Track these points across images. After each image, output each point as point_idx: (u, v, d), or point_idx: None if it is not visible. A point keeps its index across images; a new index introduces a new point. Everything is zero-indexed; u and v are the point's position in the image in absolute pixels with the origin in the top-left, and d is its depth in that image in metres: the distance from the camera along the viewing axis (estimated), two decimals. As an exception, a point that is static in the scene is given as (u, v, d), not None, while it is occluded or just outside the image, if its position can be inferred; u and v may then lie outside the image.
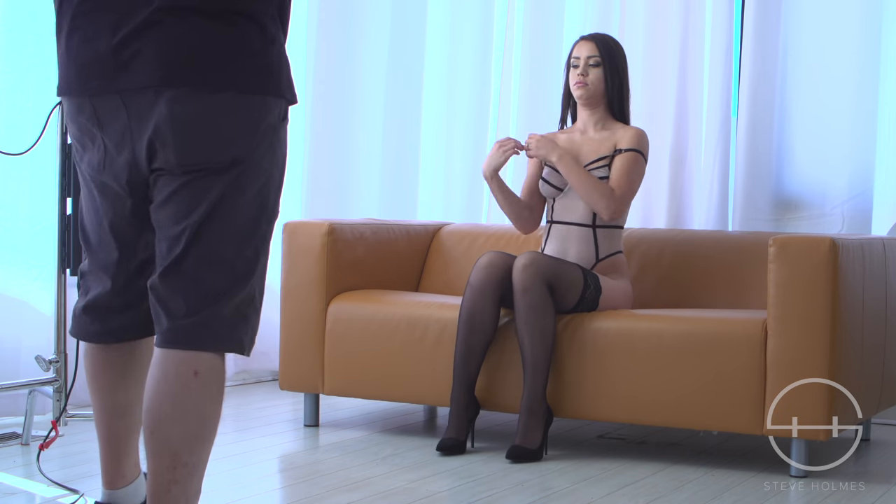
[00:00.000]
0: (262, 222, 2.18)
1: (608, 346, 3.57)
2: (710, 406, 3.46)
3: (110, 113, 2.13)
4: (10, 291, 4.07)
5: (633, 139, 3.82)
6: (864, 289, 3.55)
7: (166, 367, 2.11)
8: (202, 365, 2.11)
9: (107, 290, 2.30)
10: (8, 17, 4.03)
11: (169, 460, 2.09)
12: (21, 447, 3.58)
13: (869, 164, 4.38)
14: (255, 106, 2.12)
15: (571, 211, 3.81)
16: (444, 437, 3.63)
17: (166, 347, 2.12)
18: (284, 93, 2.17)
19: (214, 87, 2.08)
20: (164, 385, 2.10)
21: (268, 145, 2.16)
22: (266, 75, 2.13)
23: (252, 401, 4.58)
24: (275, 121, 2.16)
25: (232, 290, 2.14)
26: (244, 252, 2.15)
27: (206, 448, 2.13)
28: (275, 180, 2.20)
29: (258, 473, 3.44)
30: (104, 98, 2.12)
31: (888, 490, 3.28)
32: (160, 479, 2.10)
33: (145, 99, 2.08)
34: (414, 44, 5.18)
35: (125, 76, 2.08)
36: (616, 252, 3.83)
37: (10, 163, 3.92)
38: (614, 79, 3.84)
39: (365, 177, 5.18)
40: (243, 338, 2.17)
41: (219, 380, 2.13)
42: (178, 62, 2.06)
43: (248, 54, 2.10)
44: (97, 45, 2.11)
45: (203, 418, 2.11)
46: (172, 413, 2.09)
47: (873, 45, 4.38)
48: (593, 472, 3.43)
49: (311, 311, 3.97)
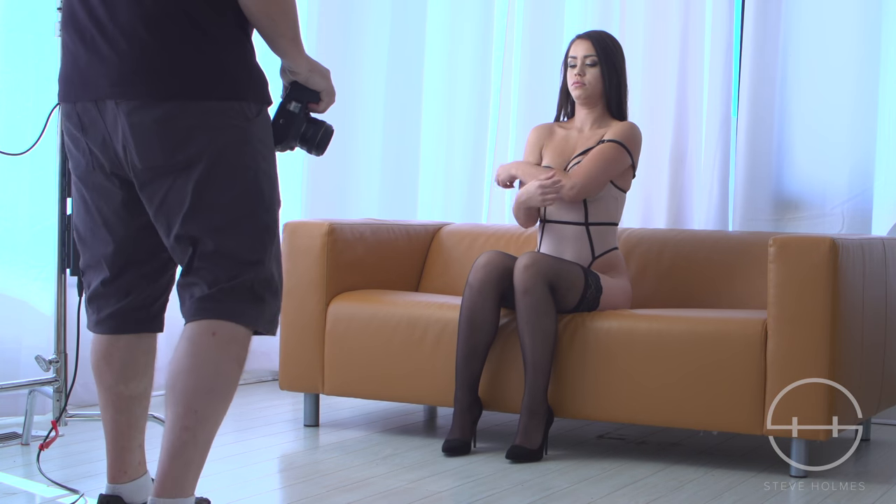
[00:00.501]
0: (259, 212, 2.32)
1: (608, 347, 3.57)
2: (710, 406, 3.46)
3: (90, 119, 2.32)
4: (10, 291, 4.07)
5: (618, 131, 3.81)
6: (864, 289, 3.55)
7: (188, 333, 2.29)
8: (221, 328, 2.28)
9: (103, 278, 2.45)
10: (8, 17, 4.03)
11: (182, 408, 2.24)
12: (21, 447, 3.58)
13: (869, 164, 4.38)
14: (209, 110, 2.26)
15: (564, 210, 3.81)
16: (449, 438, 3.62)
17: (190, 320, 2.30)
18: (244, 94, 2.30)
19: (163, 97, 2.24)
20: (184, 344, 2.28)
21: (238, 143, 2.29)
22: (217, 81, 2.27)
23: (252, 401, 4.58)
24: (239, 120, 2.29)
25: (242, 276, 2.30)
26: (246, 241, 2.31)
27: (220, 403, 2.28)
28: (264, 172, 2.33)
29: (258, 473, 3.44)
30: (84, 105, 2.32)
31: (888, 490, 3.28)
32: (173, 427, 2.25)
33: (111, 108, 2.28)
34: (414, 44, 5.18)
35: (92, 88, 2.29)
36: (612, 249, 3.83)
37: (10, 163, 3.92)
38: (612, 77, 3.84)
39: (365, 177, 5.18)
40: (258, 316, 2.33)
41: (237, 341, 2.29)
42: (130, 76, 2.25)
43: (193, 62, 2.26)
44: (76, 56, 2.32)
45: (217, 373, 2.27)
46: (189, 365, 2.25)
47: (873, 45, 4.38)
48: (593, 472, 3.43)
49: (311, 311, 3.97)
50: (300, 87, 2.43)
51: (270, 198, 2.35)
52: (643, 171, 4.66)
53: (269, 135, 2.37)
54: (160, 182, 2.28)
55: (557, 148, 3.88)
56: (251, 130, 2.31)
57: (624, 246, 4.13)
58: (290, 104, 2.44)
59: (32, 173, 4.03)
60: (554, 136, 3.91)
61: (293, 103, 2.44)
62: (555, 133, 3.91)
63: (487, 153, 5.07)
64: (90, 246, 2.45)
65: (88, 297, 2.48)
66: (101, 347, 2.49)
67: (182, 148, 2.25)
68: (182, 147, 2.25)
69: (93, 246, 2.44)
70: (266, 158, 2.34)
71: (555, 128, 3.93)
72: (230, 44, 2.29)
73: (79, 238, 2.48)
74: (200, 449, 2.27)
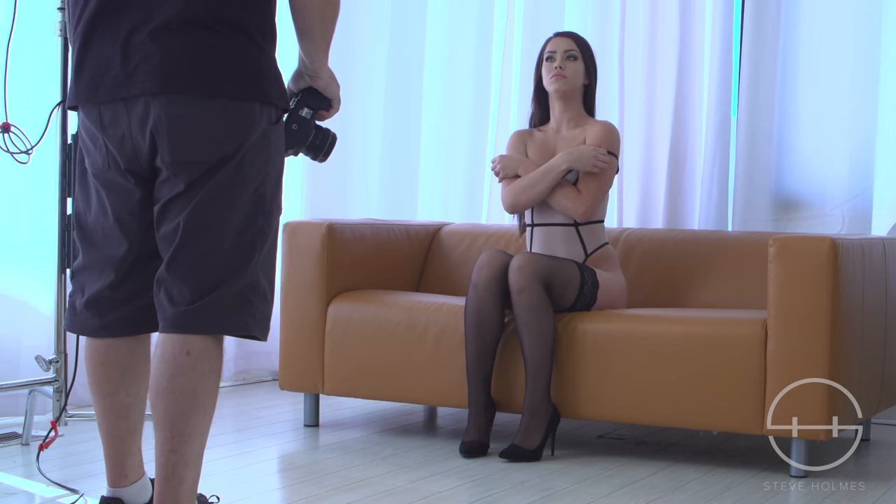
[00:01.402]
0: (258, 217, 2.33)
1: (608, 347, 3.57)
2: (710, 406, 3.46)
3: (113, 117, 2.31)
4: (10, 291, 4.07)
5: (600, 136, 3.79)
6: (864, 289, 3.55)
7: (165, 349, 2.29)
8: (194, 346, 2.28)
9: (109, 282, 2.42)
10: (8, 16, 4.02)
11: (168, 431, 2.28)
12: (21, 447, 3.58)
13: (869, 164, 4.38)
14: (244, 111, 2.29)
15: (552, 212, 3.81)
16: (465, 440, 3.61)
17: (166, 332, 2.30)
18: (274, 99, 2.33)
19: (207, 94, 2.26)
20: (161, 363, 2.29)
21: (260, 147, 2.32)
22: (255, 83, 2.30)
23: (252, 401, 4.58)
24: (265, 125, 2.32)
25: (230, 279, 2.30)
26: (240, 244, 2.31)
27: (202, 419, 2.30)
28: (272, 179, 2.36)
29: (258, 473, 3.44)
30: (110, 105, 2.31)
31: (888, 490, 3.28)
32: (162, 450, 2.29)
33: (142, 104, 2.27)
34: (414, 44, 5.18)
35: (128, 86, 2.28)
36: (603, 244, 3.82)
37: (10, 163, 3.91)
38: (591, 73, 3.84)
39: (365, 177, 5.18)
40: (248, 321, 2.33)
41: (211, 359, 2.30)
42: (175, 71, 2.25)
43: (239, 64, 2.28)
44: (108, 59, 2.30)
45: (195, 393, 2.28)
46: (168, 387, 2.27)
47: (873, 45, 4.38)
48: (593, 472, 3.43)
49: (311, 311, 3.97)
50: (313, 93, 2.46)
51: (271, 203, 2.36)
52: (642, 172, 4.67)
53: (282, 140, 2.40)
54: (184, 176, 2.28)
55: (539, 150, 3.87)
56: (271, 135, 2.34)
57: (623, 246, 4.13)
58: (302, 110, 2.46)
59: (32, 173, 4.03)
60: (534, 140, 3.90)
61: (305, 109, 2.46)
62: (534, 136, 3.91)
63: (487, 153, 5.07)
64: (99, 246, 2.42)
65: (87, 300, 2.44)
66: (101, 353, 2.46)
67: (218, 145, 2.27)
68: (219, 144, 2.27)
69: (102, 246, 2.42)
70: (275, 164, 2.37)
71: (533, 132, 3.93)
72: (266, 46, 2.33)
73: (84, 238, 2.45)
74: (191, 466, 2.30)
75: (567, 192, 3.76)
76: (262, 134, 2.32)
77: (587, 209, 3.75)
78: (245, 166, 2.30)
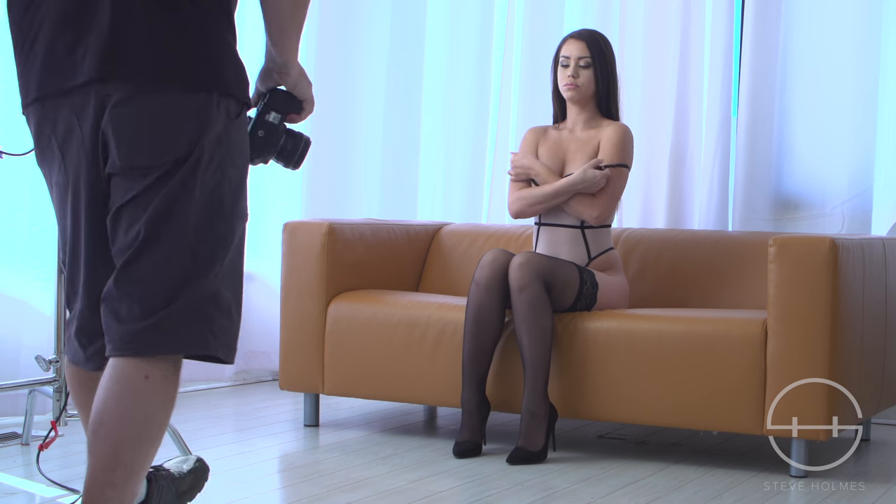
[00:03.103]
0: (217, 223, 2.05)
1: (608, 347, 3.57)
2: (710, 406, 3.46)
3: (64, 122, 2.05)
4: (10, 291, 4.07)
5: (615, 146, 3.80)
6: (864, 289, 3.55)
7: (117, 370, 2.01)
8: (153, 370, 2.00)
9: (83, 310, 2.16)
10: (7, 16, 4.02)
11: (108, 461, 1.98)
12: (21, 447, 3.58)
13: (869, 164, 4.38)
14: (200, 103, 2.01)
15: (561, 213, 3.82)
16: (459, 440, 3.62)
17: (117, 356, 2.01)
18: (232, 90, 2.05)
19: (158, 83, 1.98)
20: (112, 385, 1.99)
21: (217, 144, 2.03)
22: (213, 70, 2.02)
23: (252, 401, 4.58)
24: (223, 119, 2.04)
25: (186, 292, 2.01)
26: (198, 253, 2.02)
27: (149, 453, 2.02)
28: (231, 180, 2.07)
29: (258, 473, 3.44)
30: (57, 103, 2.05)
31: (888, 490, 3.28)
32: (97, 481, 1.99)
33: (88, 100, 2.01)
34: (414, 44, 5.18)
35: (72, 73, 2.01)
36: (607, 249, 3.83)
37: (10, 163, 3.91)
38: (604, 79, 3.85)
39: (365, 177, 5.18)
40: (208, 337, 2.03)
41: (169, 386, 2.03)
42: (120, 56, 1.97)
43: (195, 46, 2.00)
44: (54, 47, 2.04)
45: (149, 422, 2.00)
46: (117, 411, 1.98)
47: (873, 45, 4.38)
48: (593, 472, 3.43)
49: (311, 311, 3.97)
50: (280, 95, 2.19)
51: (232, 208, 2.07)
52: (642, 172, 4.66)
53: (244, 140, 2.12)
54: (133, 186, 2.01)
55: (551, 150, 3.88)
56: (230, 131, 2.06)
57: (623, 246, 4.13)
58: (270, 114, 2.18)
59: (32, 173, 4.03)
60: (548, 138, 3.92)
61: (272, 113, 2.18)
62: (548, 135, 3.93)
63: (487, 153, 5.07)
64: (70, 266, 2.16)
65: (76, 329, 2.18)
66: (82, 381, 2.21)
67: (173, 147, 1.99)
68: (173, 145, 1.99)
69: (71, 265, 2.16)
70: (235, 165, 2.07)
71: (549, 130, 3.95)
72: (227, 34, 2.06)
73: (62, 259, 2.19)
74: (128, 500, 2.01)
75: (581, 197, 3.77)
76: (221, 130, 2.03)
77: (601, 213, 3.77)
78: (202, 167, 2.01)
